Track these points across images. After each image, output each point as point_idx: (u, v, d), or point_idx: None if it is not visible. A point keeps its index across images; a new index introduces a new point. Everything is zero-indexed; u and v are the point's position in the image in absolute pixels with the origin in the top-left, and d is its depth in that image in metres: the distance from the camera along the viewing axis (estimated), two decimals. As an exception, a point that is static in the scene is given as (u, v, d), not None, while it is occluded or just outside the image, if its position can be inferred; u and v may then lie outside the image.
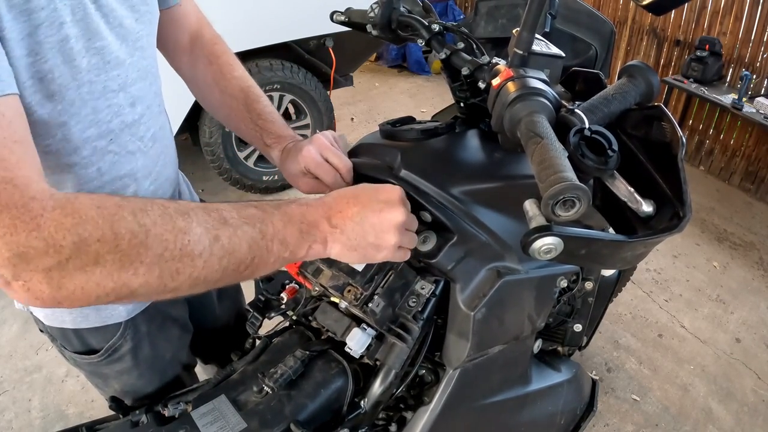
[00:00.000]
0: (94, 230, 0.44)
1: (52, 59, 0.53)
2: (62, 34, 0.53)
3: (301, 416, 0.74)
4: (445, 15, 4.88)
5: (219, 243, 0.50)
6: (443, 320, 0.78)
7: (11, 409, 1.83)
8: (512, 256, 0.74)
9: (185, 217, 0.49)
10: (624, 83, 0.69)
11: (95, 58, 0.58)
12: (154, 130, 0.73)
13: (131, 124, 0.68)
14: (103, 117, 0.63)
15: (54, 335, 0.83)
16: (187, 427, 0.72)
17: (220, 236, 0.50)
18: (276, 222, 0.55)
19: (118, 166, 0.68)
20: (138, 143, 0.70)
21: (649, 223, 0.60)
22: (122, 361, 0.84)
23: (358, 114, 4.12)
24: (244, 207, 0.55)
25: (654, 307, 2.35)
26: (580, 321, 1.01)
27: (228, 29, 2.91)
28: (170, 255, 0.48)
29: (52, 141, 0.59)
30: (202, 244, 0.49)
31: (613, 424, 1.83)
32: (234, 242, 0.51)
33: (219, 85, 0.86)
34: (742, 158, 3.25)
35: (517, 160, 0.82)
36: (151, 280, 0.47)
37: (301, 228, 0.57)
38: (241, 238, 0.52)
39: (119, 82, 0.63)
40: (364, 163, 0.85)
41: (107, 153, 0.65)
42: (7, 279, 0.44)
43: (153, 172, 0.74)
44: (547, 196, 0.49)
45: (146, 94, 0.70)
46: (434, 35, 0.83)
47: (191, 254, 0.49)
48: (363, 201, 0.60)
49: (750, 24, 3.01)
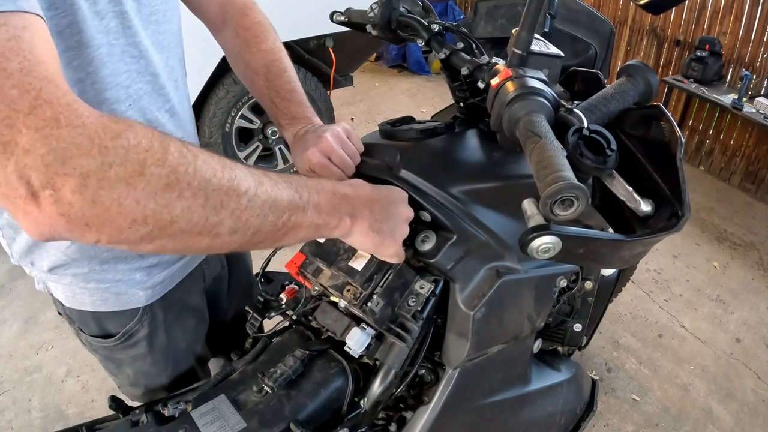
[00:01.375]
0: (143, 139, 0.41)
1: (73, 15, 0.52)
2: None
3: (300, 416, 0.74)
4: (445, 15, 4.88)
5: (263, 187, 0.50)
6: (443, 320, 0.78)
7: (11, 409, 1.83)
8: (512, 256, 0.74)
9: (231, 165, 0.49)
10: (623, 83, 0.69)
11: (115, 20, 0.58)
12: (173, 103, 0.73)
13: (150, 93, 0.67)
14: (122, 81, 0.62)
15: (72, 317, 0.83)
16: (186, 427, 0.72)
17: (263, 182, 0.51)
18: (311, 188, 0.56)
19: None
20: (157, 114, 0.70)
21: (647, 222, 0.61)
22: (137, 347, 0.85)
23: (358, 114, 4.12)
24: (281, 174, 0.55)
25: (654, 307, 2.35)
26: (580, 321, 1.02)
27: (228, 29, 2.86)
28: (218, 183, 0.46)
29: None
30: (248, 182, 0.48)
31: (613, 424, 1.82)
32: (276, 192, 0.51)
33: (243, 58, 0.85)
34: (742, 158, 3.25)
35: (516, 159, 0.83)
36: (194, 207, 0.44)
37: (333, 199, 0.58)
38: (281, 190, 0.52)
39: (140, 50, 0.63)
40: (363, 162, 0.85)
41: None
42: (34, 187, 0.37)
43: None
44: (546, 196, 0.49)
45: (164, 67, 0.70)
46: (434, 35, 0.84)
47: (237, 189, 0.47)
48: (384, 192, 0.65)
49: (750, 24, 3.01)
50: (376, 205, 0.63)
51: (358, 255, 0.78)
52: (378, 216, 0.63)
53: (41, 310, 2.23)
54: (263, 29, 0.87)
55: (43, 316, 2.21)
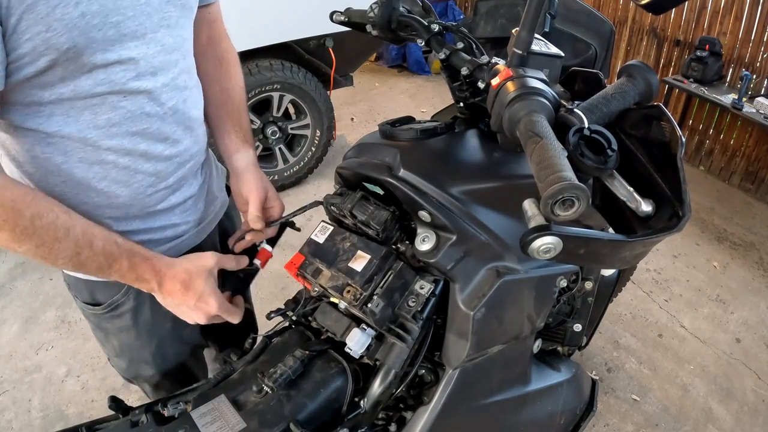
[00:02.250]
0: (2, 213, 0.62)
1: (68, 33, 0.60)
2: (79, 11, 0.60)
3: (300, 416, 0.74)
4: (445, 15, 4.88)
5: (78, 258, 0.70)
6: (443, 320, 0.78)
7: (11, 409, 1.83)
8: (512, 256, 0.74)
9: (65, 231, 0.68)
10: (623, 83, 0.69)
11: (111, 30, 0.64)
12: (177, 101, 0.78)
13: (151, 90, 0.73)
14: (118, 78, 0.68)
15: (70, 283, 0.92)
16: (186, 427, 0.72)
17: (81, 253, 0.70)
18: (122, 264, 0.74)
19: (131, 123, 0.73)
20: (156, 108, 0.75)
21: (648, 222, 0.61)
22: (122, 318, 0.91)
23: (358, 114, 4.12)
24: (110, 243, 0.72)
25: (654, 307, 2.35)
26: (580, 321, 1.02)
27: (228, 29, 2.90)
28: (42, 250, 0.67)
29: (65, 90, 0.65)
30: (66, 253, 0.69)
31: (613, 424, 1.82)
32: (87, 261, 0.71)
33: (221, 84, 0.97)
34: (742, 158, 3.25)
35: (516, 159, 0.83)
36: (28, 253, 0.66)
37: (137, 278, 0.76)
38: (93, 262, 0.71)
39: (138, 52, 0.69)
40: (363, 163, 0.85)
41: (119, 108, 0.71)
42: None
43: (169, 139, 0.79)
44: (546, 196, 0.49)
45: (170, 68, 0.75)
46: (434, 35, 0.83)
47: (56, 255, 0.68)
48: (189, 296, 0.79)
49: (750, 24, 3.01)
50: (168, 299, 0.80)
51: (358, 256, 0.78)
52: (168, 306, 0.82)
53: (41, 310, 2.23)
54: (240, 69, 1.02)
55: (43, 316, 2.21)
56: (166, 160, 0.81)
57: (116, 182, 0.77)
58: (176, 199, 0.86)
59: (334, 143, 3.18)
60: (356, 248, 0.80)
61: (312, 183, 3.15)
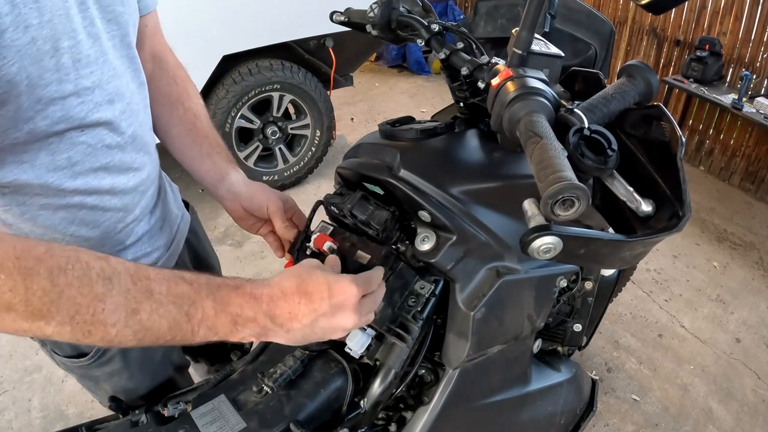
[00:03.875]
0: (7, 280, 0.44)
1: (20, 61, 0.52)
2: (29, 36, 0.52)
3: (300, 416, 0.74)
4: (445, 15, 4.88)
5: (136, 317, 0.49)
6: (443, 320, 0.78)
7: (11, 409, 1.83)
8: (512, 256, 0.74)
9: (106, 282, 0.48)
10: (623, 83, 0.69)
11: (65, 56, 0.57)
12: (135, 127, 0.72)
13: (110, 121, 0.66)
14: (76, 113, 0.61)
15: (44, 341, 0.81)
16: (186, 427, 0.72)
17: (139, 310, 0.49)
18: (207, 307, 0.52)
19: (93, 158, 0.66)
20: (117, 138, 0.69)
21: (648, 222, 0.60)
22: (112, 363, 0.83)
23: (358, 114, 4.12)
24: (177, 282, 0.52)
25: (654, 307, 2.35)
26: (580, 321, 1.02)
27: (228, 29, 2.90)
28: (81, 319, 0.47)
29: (20, 134, 0.57)
30: (117, 315, 0.48)
31: (613, 424, 1.82)
32: (153, 319, 0.50)
33: (184, 104, 0.89)
34: (742, 158, 3.25)
35: (516, 159, 0.82)
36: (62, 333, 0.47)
37: (236, 320, 0.54)
38: (162, 317, 0.50)
39: (93, 80, 0.62)
40: (363, 163, 0.85)
41: (79, 144, 0.64)
42: None
43: (131, 168, 0.74)
44: (546, 196, 0.49)
45: (124, 92, 0.69)
46: (434, 35, 0.83)
47: (104, 322, 0.48)
48: (315, 302, 0.56)
49: (750, 24, 3.01)
50: (296, 324, 0.56)
51: (358, 256, 0.78)
52: (297, 334, 0.58)
53: (41, 310, 2.23)
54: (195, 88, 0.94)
55: (42, 316, 2.21)
56: (132, 192, 0.75)
57: (85, 224, 0.70)
58: (143, 229, 0.80)
59: (334, 143, 3.18)
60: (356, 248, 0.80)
61: (312, 183, 3.15)
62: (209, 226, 2.74)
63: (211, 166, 0.88)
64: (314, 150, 3.03)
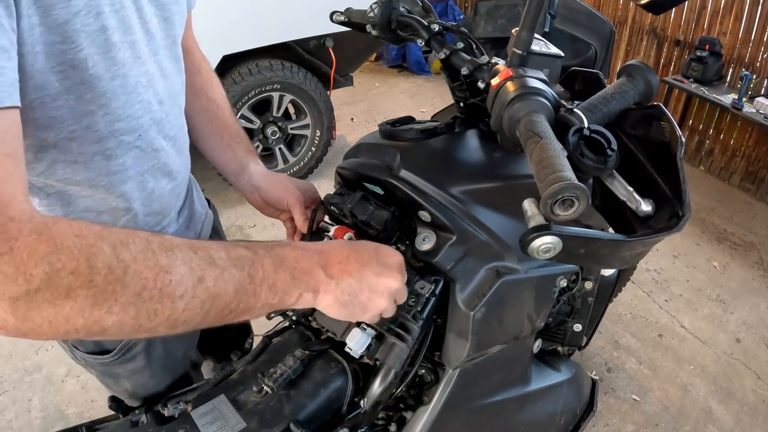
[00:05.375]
0: (68, 261, 0.41)
1: (88, 48, 0.51)
2: (99, 23, 0.51)
3: (300, 416, 0.74)
4: (445, 15, 4.88)
5: (203, 285, 0.48)
6: (443, 320, 0.78)
7: (11, 409, 1.83)
8: (512, 256, 0.74)
9: (169, 253, 0.47)
10: (623, 83, 0.69)
11: (128, 51, 0.57)
12: (176, 129, 0.73)
13: (158, 122, 0.67)
14: (134, 112, 0.61)
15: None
16: (186, 427, 0.72)
17: (205, 277, 0.48)
18: (266, 265, 0.53)
19: (141, 162, 0.66)
20: (162, 141, 0.69)
21: (648, 222, 0.60)
22: (135, 361, 0.83)
23: (358, 114, 4.12)
24: (233, 247, 0.52)
25: (654, 307, 2.35)
26: (580, 321, 1.01)
27: (228, 29, 2.90)
28: (149, 295, 0.45)
29: (77, 127, 0.56)
30: (185, 285, 0.47)
31: (613, 424, 1.82)
32: (220, 285, 0.49)
33: (207, 94, 0.91)
34: (742, 158, 3.25)
35: (516, 159, 0.82)
36: (125, 320, 0.45)
37: (293, 274, 0.54)
38: (227, 281, 0.49)
39: (148, 78, 0.62)
40: (363, 163, 0.85)
41: (133, 148, 0.64)
42: None
43: (173, 171, 0.74)
44: (546, 196, 0.49)
45: (170, 92, 0.69)
46: (434, 35, 0.83)
47: (172, 295, 0.46)
48: (364, 258, 0.59)
49: (750, 24, 3.01)
50: (346, 277, 0.57)
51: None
52: (346, 289, 0.58)
53: (41, 310, 2.23)
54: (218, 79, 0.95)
55: (42, 316, 2.21)
56: (170, 194, 0.75)
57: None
58: (173, 229, 0.80)
59: (334, 143, 3.18)
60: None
61: (312, 183, 3.15)
62: (209, 226, 2.74)
63: (231, 156, 0.90)
64: (314, 150, 3.03)
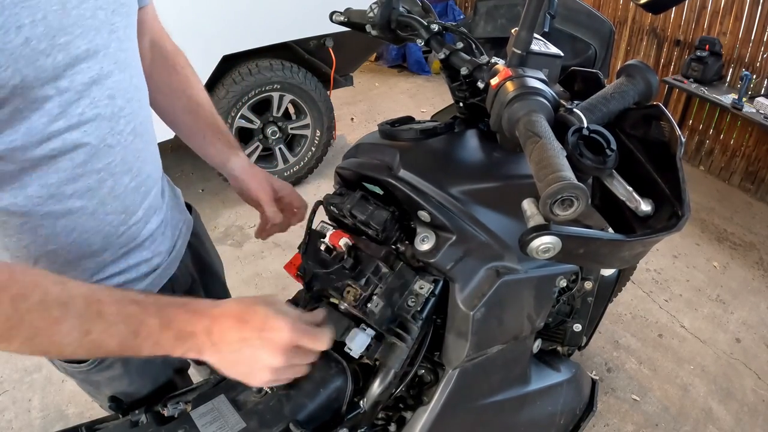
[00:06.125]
0: None
1: (14, 65, 0.51)
2: (22, 37, 0.51)
3: (300, 416, 0.74)
4: (445, 15, 4.88)
5: (89, 337, 0.53)
6: (442, 320, 0.78)
7: (11, 409, 1.83)
8: (511, 256, 0.74)
9: (62, 307, 0.52)
10: (623, 83, 0.69)
11: (61, 54, 0.56)
12: (135, 124, 0.71)
13: (110, 117, 0.65)
14: (74, 110, 0.60)
15: None
16: (186, 427, 0.72)
17: (91, 330, 0.53)
18: (152, 325, 0.56)
19: (95, 160, 0.65)
20: (117, 137, 0.67)
21: (647, 222, 0.61)
22: (112, 369, 0.83)
23: (358, 114, 4.12)
24: (127, 303, 0.56)
25: (654, 307, 2.35)
26: (580, 321, 1.02)
27: (228, 29, 2.90)
28: (39, 340, 0.51)
29: (17, 136, 0.56)
30: (72, 335, 0.52)
31: (613, 424, 1.82)
32: (104, 338, 0.54)
33: (186, 92, 0.92)
34: (742, 158, 3.25)
35: (515, 159, 0.82)
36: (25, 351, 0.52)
37: (178, 335, 0.58)
38: (112, 335, 0.54)
39: (91, 75, 0.61)
40: (363, 163, 0.85)
41: (81, 146, 0.63)
42: None
43: (134, 168, 0.73)
44: (545, 195, 0.49)
45: (126, 86, 0.68)
46: (433, 35, 0.83)
47: (60, 342, 0.52)
48: (248, 330, 0.60)
49: (750, 24, 3.01)
50: (226, 347, 0.60)
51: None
52: (227, 357, 0.60)
53: (41, 310, 2.23)
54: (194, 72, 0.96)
55: (42, 316, 2.21)
56: (134, 192, 0.74)
57: (86, 231, 0.68)
58: (147, 232, 0.79)
59: (334, 143, 3.18)
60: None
61: (312, 183, 3.15)
62: (209, 226, 2.74)
63: (215, 152, 0.95)
64: (314, 150, 3.03)
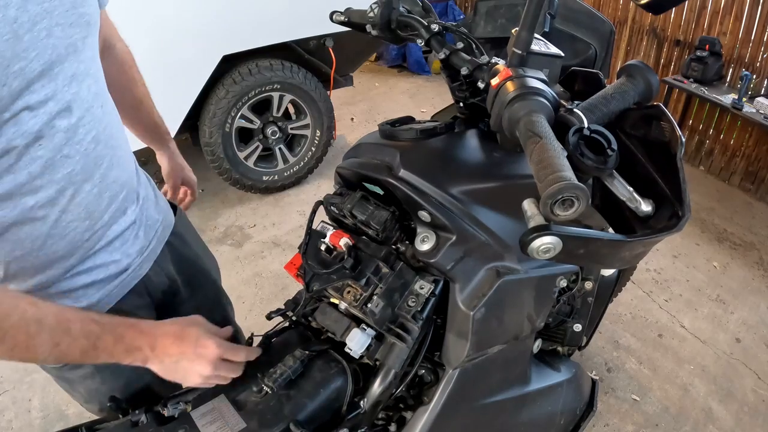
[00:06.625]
0: None
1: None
2: None
3: (300, 416, 0.74)
4: (445, 15, 4.88)
5: (58, 348, 0.65)
6: (443, 320, 0.78)
7: (11, 409, 1.83)
8: (511, 256, 0.74)
9: (37, 324, 0.63)
10: (623, 83, 0.69)
11: (16, 81, 0.58)
12: (96, 131, 0.71)
13: (67, 129, 0.66)
14: (29, 128, 0.61)
15: None
16: (186, 427, 0.72)
17: (60, 343, 0.65)
18: (107, 340, 0.69)
19: (53, 170, 0.66)
20: (76, 147, 0.68)
21: (648, 222, 0.61)
22: (83, 367, 0.85)
23: (358, 114, 4.12)
24: (88, 322, 0.68)
25: (654, 307, 2.35)
26: (580, 321, 1.02)
27: (228, 29, 2.89)
28: (18, 350, 0.63)
29: None
30: (44, 347, 0.64)
31: (613, 424, 1.82)
32: (70, 349, 0.67)
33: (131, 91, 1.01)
34: (742, 158, 3.25)
35: (516, 159, 0.82)
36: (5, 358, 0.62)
37: (127, 348, 0.71)
38: (76, 348, 0.67)
39: (46, 93, 0.62)
40: (363, 163, 0.85)
41: (37, 159, 0.64)
42: None
43: (96, 175, 0.73)
44: (546, 196, 0.49)
45: (84, 96, 0.68)
46: (433, 35, 0.83)
47: (35, 352, 0.64)
48: (185, 346, 0.74)
49: (750, 24, 3.01)
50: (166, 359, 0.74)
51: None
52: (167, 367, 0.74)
53: (41, 310, 2.23)
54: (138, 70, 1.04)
55: (42, 316, 2.21)
56: (97, 198, 0.74)
57: (50, 237, 0.70)
58: (113, 234, 0.80)
59: (334, 143, 3.18)
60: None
61: (312, 183, 3.15)
62: (209, 226, 2.74)
63: (150, 141, 1.13)
64: (314, 150, 3.03)
